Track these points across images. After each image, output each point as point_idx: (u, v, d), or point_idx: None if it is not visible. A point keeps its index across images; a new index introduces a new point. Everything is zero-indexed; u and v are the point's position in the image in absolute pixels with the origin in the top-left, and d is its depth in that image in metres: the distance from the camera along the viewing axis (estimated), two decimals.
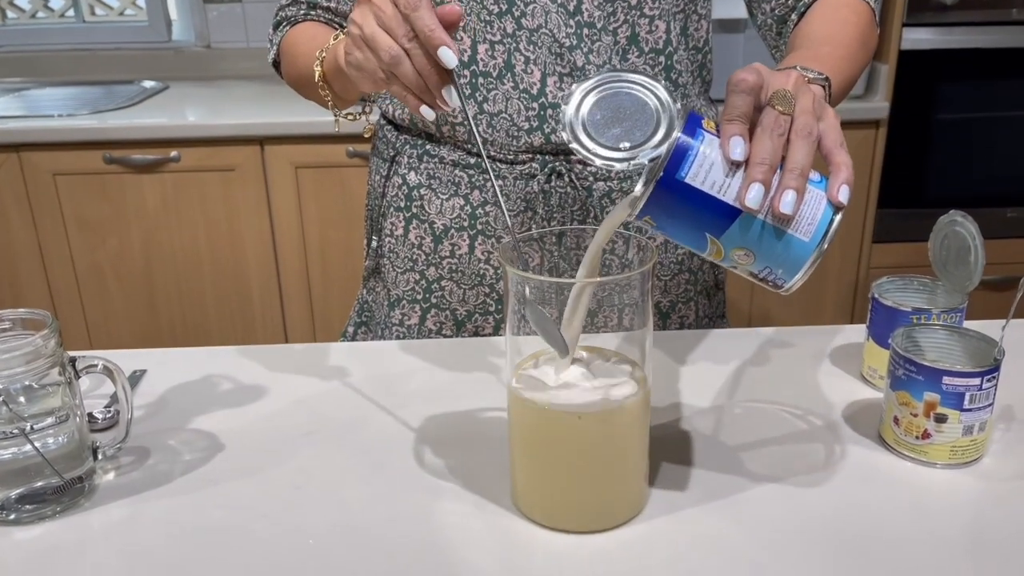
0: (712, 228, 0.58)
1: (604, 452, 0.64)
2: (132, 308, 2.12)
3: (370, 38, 0.66)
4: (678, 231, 0.60)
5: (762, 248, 0.58)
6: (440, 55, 0.64)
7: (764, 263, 0.59)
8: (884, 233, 2.16)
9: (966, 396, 0.69)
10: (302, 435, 0.78)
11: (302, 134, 1.95)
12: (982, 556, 0.62)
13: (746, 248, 0.59)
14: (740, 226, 0.58)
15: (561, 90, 0.89)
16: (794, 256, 0.59)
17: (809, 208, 0.58)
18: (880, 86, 2.05)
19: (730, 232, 0.58)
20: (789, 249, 0.58)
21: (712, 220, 0.58)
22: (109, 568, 0.62)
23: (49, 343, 0.65)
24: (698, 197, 0.57)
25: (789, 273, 0.60)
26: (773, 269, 0.60)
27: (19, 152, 1.96)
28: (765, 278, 0.61)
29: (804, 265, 0.59)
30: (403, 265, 1.00)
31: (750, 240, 0.58)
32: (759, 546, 0.63)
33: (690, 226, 0.59)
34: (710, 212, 0.58)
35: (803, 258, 0.59)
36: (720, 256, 0.60)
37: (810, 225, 0.58)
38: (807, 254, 0.58)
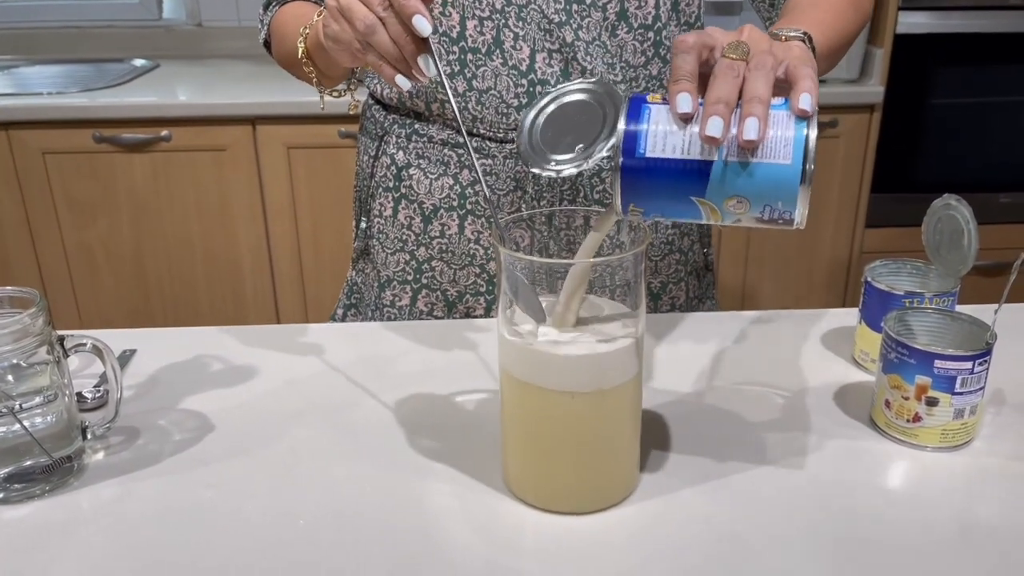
0: (694, 190, 0.58)
1: (596, 433, 0.63)
2: (122, 288, 2.11)
3: (345, 8, 0.67)
4: (666, 207, 0.59)
5: (749, 189, 0.57)
6: (414, 23, 0.64)
7: (760, 203, 0.58)
8: (877, 217, 2.16)
9: (958, 380, 0.69)
10: (293, 416, 0.78)
11: (294, 114, 1.94)
12: (971, 539, 0.62)
13: (736, 196, 0.57)
14: (718, 176, 0.57)
15: (550, 67, 0.89)
16: (783, 183, 0.57)
17: (778, 131, 0.57)
18: (875, 70, 2.04)
19: (711, 186, 0.57)
20: (774, 178, 0.57)
21: (690, 182, 0.57)
22: (98, 547, 0.62)
23: (37, 321, 0.65)
24: (665, 166, 0.57)
25: (789, 203, 0.58)
26: (772, 205, 0.58)
27: (8, 130, 1.94)
28: (772, 219, 0.59)
29: (797, 189, 0.57)
30: (393, 246, 0.99)
31: (734, 186, 0.57)
32: (750, 528, 0.63)
33: (673, 197, 0.58)
34: (684, 175, 0.57)
35: (792, 182, 0.57)
36: (717, 216, 0.59)
37: (785, 147, 0.56)
38: (795, 176, 0.57)
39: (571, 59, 0.89)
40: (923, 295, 0.79)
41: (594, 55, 0.89)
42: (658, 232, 0.99)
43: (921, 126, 2.11)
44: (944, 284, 0.82)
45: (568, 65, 0.89)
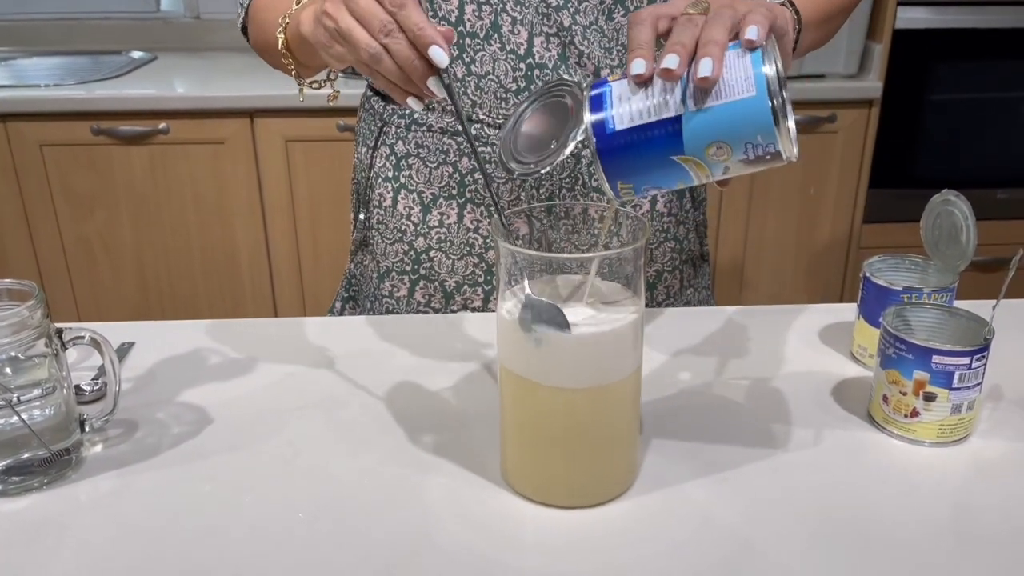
0: (671, 148, 0.58)
1: (595, 427, 0.63)
2: (121, 281, 2.10)
3: (346, 33, 0.64)
4: (652, 176, 0.60)
5: (723, 131, 0.57)
6: (431, 55, 0.62)
7: (740, 143, 0.57)
8: (875, 213, 2.16)
9: (955, 375, 0.69)
10: (291, 409, 0.78)
11: (293, 107, 1.93)
12: (968, 534, 0.62)
13: (714, 142, 0.57)
14: (690, 128, 0.57)
15: (548, 51, 0.89)
16: (754, 116, 0.56)
17: (737, 70, 0.57)
18: (874, 65, 2.04)
19: (687, 140, 0.57)
20: (744, 113, 0.56)
21: (665, 142, 0.58)
22: (96, 540, 0.62)
23: (35, 314, 0.65)
24: (638, 134, 0.58)
25: (767, 135, 0.57)
26: (752, 142, 0.57)
27: (5, 122, 1.93)
28: (759, 156, 0.58)
29: (770, 118, 0.56)
30: (392, 236, 0.99)
31: (708, 133, 0.57)
32: (747, 523, 0.63)
33: (655, 163, 0.59)
34: (658, 138, 0.58)
35: (762, 111, 0.56)
36: (705, 170, 0.59)
37: (746, 81, 0.56)
38: (763, 105, 0.56)
39: (568, 43, 0.89)
40: (921, 291, 0.79)
41: (591, 39, 0.89)
42: (654, 220, 0.99)
43: (919, 122, 2.11)
44: (942, 280, 0.82)
45: (566, 49, 0.89)
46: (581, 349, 0.61)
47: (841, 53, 2.03)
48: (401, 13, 0.62)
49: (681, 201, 1.01)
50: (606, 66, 0.90)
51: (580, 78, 0.90)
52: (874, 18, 2.05)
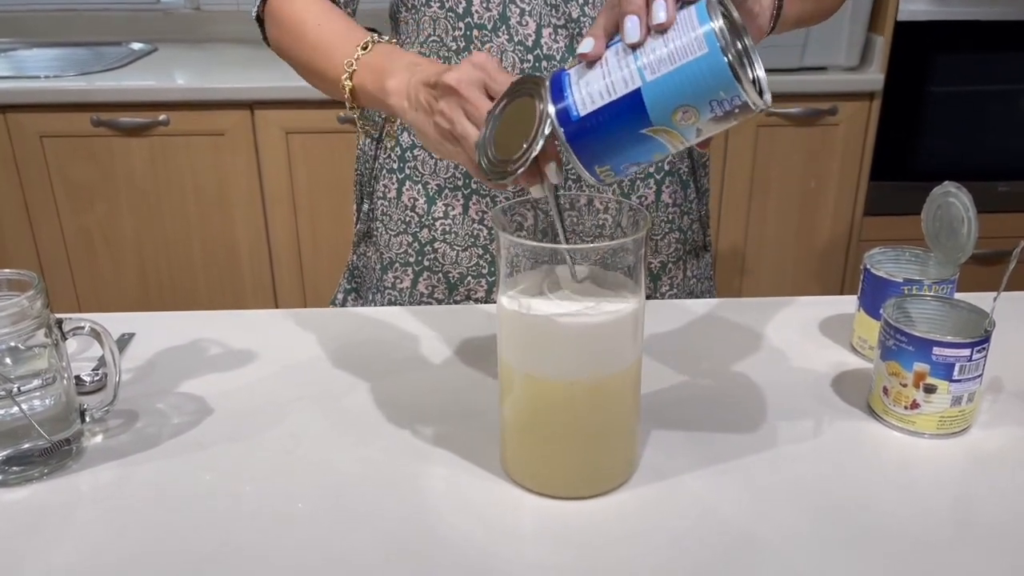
0: (639, 122, 0.57)
1: (595, 418, 0.63)
2: (121, 273, 2.10)
3: (462, 136, 0.64)
4: (627, 153, 0.59)
5: (685, 94, 0.56)
6: (547, 171, 0.62)
7: (705, 103, 0.56)
8: (875, 206, 2.16)
9: (956, 367, 0.69)
10: (292, 400, 0.78)
11: (293, 99, 1.93)
12: (967, 526, 0.63)
13: (678, 107, 0.56)
14: (651, 98, 0.56)
15: (556, 42, 0.88)
16: (712, 72, 0.55)
17: (682, 30, 0.56)
18: (875, 57, 2.04)
19: (652, 111, 0.57)
20: (701, 71, 0.55)
21: (631, 117, 0.57)
22: (96, 530, 0.62)
23: (35, 304, 0.65)
24: (602, 115, 0.57)
25: (730, 89, 0.55)
26: (716, 99, 0.56)
27: (5, 113, 1.93)
28: (729, 111, 0.57)
29: (728, 72, 0.55)
30: (396, 228, 0.99)
31: (671, 100, 0.56)
32: (747, 513, 0.63)
33: (627, 140, 0.58)
34: (622, 115, 0.57)
35: (719, 66, 0.55)
36: (677, 137, 0.58)
37: (696, 40, 0.55)
38: (719, 62, 0.55)
39: (576, 35, 0.88)
40: (922, 282, 0.79)
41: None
42: (659, 211, 0.98)
43: (921, 114, 2.11)
44: (943, 272, 0.82)
45: (573, 40, 0.89)
46: (580, 339, 0.61)
47: (842, 45, 2.02)
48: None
49: (686, 192, 1.00)
50: None
51: (543, 73, 0.90)
52: (876, 10, 2.04)
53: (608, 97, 0.57)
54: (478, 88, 0.64)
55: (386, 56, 0.76)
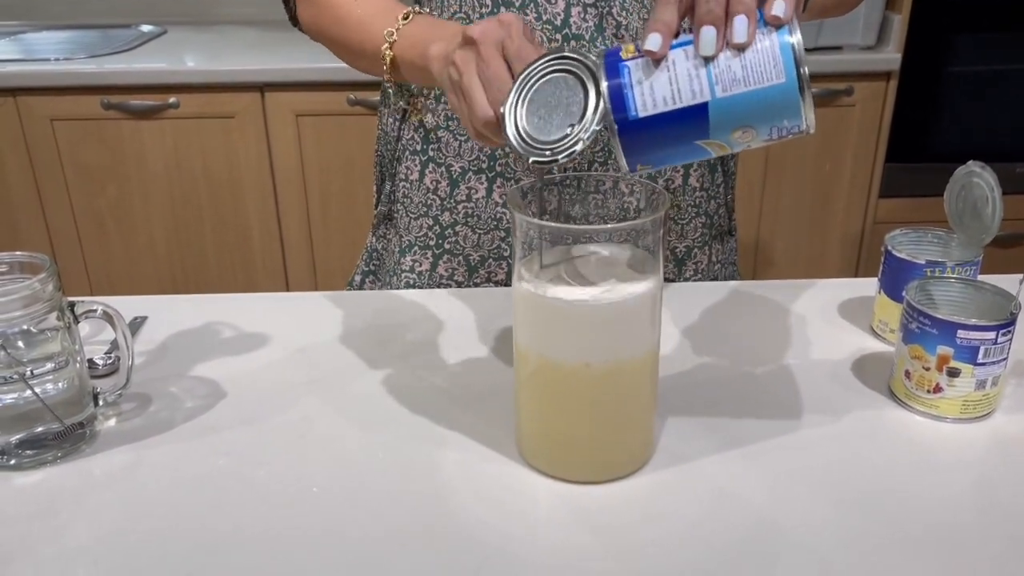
0: (696, 134, 0.56)
1: (612, 402, 0.63)
2: (133, 256, 2.10)
3: (467, 91, 0.63)
4: (672, 156, 0.58)
5: (751, 118, 0.56)
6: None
7: (766, 127, 0.57)
8: (891, 188, 2.14)
9: (980, 350, 0.68)
10: (305, 383, 0.77)
11: (303, 81, 1.92)
12: (991, 510, 0.61)
13: (740, 127, 0.56)
14: (717, 116, 0.55)
15: (585, 21, 0.87)
16: (784, 102, 0.55)
17: (760, 52, 0.55)
18: (892, 37, 2.01)
19: (713, 126, 0.56)
20: (774, 99, 0.55)
21: (690, 128, 0.56)
22: (110, 514, 0.62)
23: (47, 287, 0.64)
24: (661, 120, 0.56)
25: (794, 118, 0.56)
26: (778, 125, 0.57)
27: (16, 97, 1.93)
28: (781, 136, 0.57)
29: (799, 103, 0.55)
30: (417, 210, 0.98)
31: (736, 119, 0.56)
32: (766, 498, 0.63)
33: (677, 146, 0.57)
34: (683, 124, 0.56)
35: (792, 98, 0.55)
36: (725, 149, 0.58)
37: (775, 66, 0.55)
38: (792, 92, 0.55)
39: (606, 14, 0.87)
40: (944, 264, 0.78)
41: (630, 10, 0.87)
42: (686, 195, 0.97)
43: (938, 94, 2.08)
44: (966, 253, 0.81)
45: (603, 20, 0.87)
46: (597, 321, 0.60)
47: (859, 24, 1.99)
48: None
49: (713, 176, 0.99)
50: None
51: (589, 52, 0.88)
52: None
53: (672, 104, 0.56)
54: (496, 47, 0.62)
55: (430, 26, 0.75)
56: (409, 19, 0.77)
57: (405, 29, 0.76)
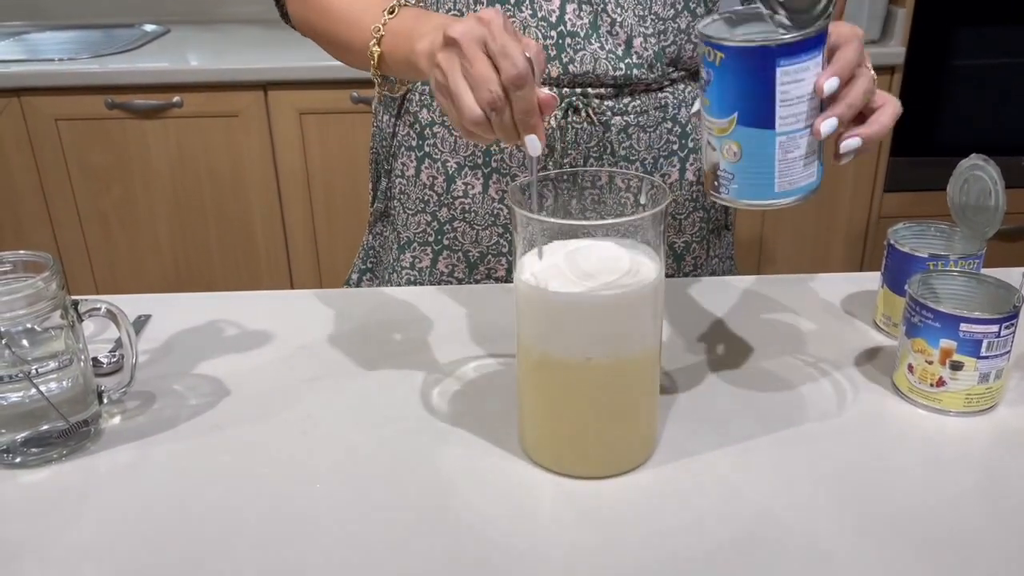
0: (748, 117, 0.59)
1: (614, 398, 0.63)
2: (137, 255, 2.11)
3: (454, 93, 0.62)
4: (721, 93, 0.60)
5: (752, 163, 0.60)
6: (527, 142, 0.62)
7: (737, 171, 0.61)
8: (895, 181, 2.13)
9: (983, 343, 0.67)
10: (309, 380, 0.77)
11: (306, 79, 1.92)
12: (995, 504, 0.61)
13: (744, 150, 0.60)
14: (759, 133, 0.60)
15: (580, 18, 0.87)
16: (760, 189, 0.61)
17: (807, 167, 0.63)
18: (896, 31, 2.00)
19: (750, 131, 0.59)
20: (763, 181, 0.61)
21: (755, 112, 0.59)
22: (115, 511, 0.62)
23: (51, 285, 0.64)
24: (767, 87, 0.58)
25: (739, 193, 0.61)
26: (733, 179, 0.61)
27: (20, 97, 1.93)
28: (719, 177, 0.62)
29: (756, 200, 0.62)
30: (414, 207, 0.98)
31: (754, 147, 0.60)
32: (769, 493, 0.63)
33: (735, 98, 0.59)
34: (761, 106, 0.59)
35: (764, 195, 0.61)
36: (721, 132, 0.61)
37: (798, 180, 0.63)
38: (768, 194, 0.61)
39: (601, 11, 0.87)
40: (948, 258, 0.78)
41: (625, 6, 0.87)
42: (683, 189, 0.97)
43: (943, 88, 2.07)
44: (969, 246, 0.81)
45: (598, 17, 0.87)
46: (599, 317, 0.60)
47: (863, 18, 1.99)
48: (517, 94, 0.60)
49: None
50: (639, 35, 0.88)
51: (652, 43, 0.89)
52: None
53: (779, 98, 0.59)
54: (478, 45, 0.62)
55: (414, 19, 0.74)
56: (394, 13, 0.76)
57: (391, 24, 0.75)
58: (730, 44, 0.58)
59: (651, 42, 0.89)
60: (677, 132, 0.95)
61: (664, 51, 0.90)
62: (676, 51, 0.91)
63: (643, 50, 0.89)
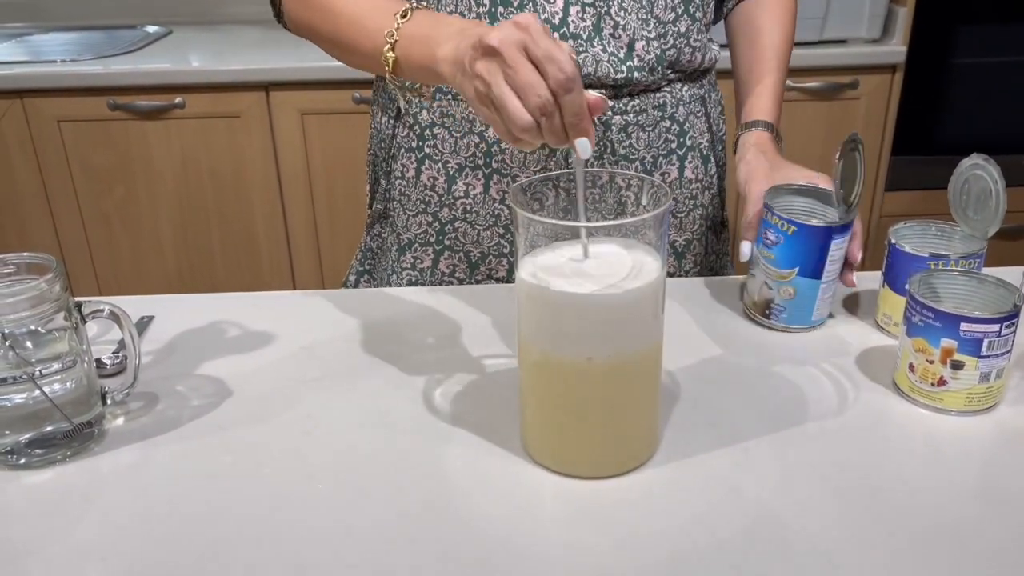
0: (805, 270, 0.81)
1: (615, 398, 0.63)
2: (140, 256, 2.11)
3: (499, 102, 0.61)
4: (787, 252, 0.81)
5: (802, 301, 0.82)
6: (577, 145, 0.61)
7: (788, 306, 0.83)
8: (896, 181, 2.13)
9: (984, 342, 0.68)
10: (311, 381, 0.78)
11: (308, 80, 1.92)
12: (996, 504, 0.62)
13: (798, 292, 0.82)
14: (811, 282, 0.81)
15: (583, 20, 0.87)
16: (803, 319, 0.84)
17: (829, 304, 0.85)
18: (897, 29, 2.00)
19: (805, 280, 0.81)
20: (805, 314, 0.83)
21: (811, 268, 0.81)
22: (119, 512, 0.62)
23: (54, 287, 0.65)
24: (823, 252, 0.80)
25: (787, 321, 0.84)
26: (784, 311, 0.83)
27: (23, 98, 1.94)
28: (772, 309, 0.84)
29: (798, 326, 0.84)
30: (415, 208, 0.98)
31: (805, 290, 0.81)
32: (771, 492, 0.63)
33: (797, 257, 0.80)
34: (816, 264, 0.80)
35: (804, 322, 0.84)
36: (781, 278, 0.82)
37: (823, 313, 0.85)
38: (807, 322, 0.84)
39: (604, 13, 0.87)
40: (948, 257, 0.78)
41: (628, 9, 0.87)
42: (682, 187, 0.97)
43: (944, 87, 2.07)
44: (970, 246, 0.81)
45: (601, 20, 0.87)
46: (600, 317, 0.60)
47: (864, 17, 1.99)
48: (567, 98, 0.59)
49: (707, 167, 0.99)
50: (641, 38, 0.88)
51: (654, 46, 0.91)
52: None
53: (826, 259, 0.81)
54: (519, 51, 0.60)
55: (431, 24, 0.72)
56: (408, 17, 0.74)
57: (405, 28, 0.74)
58: (803, 222, 0.79)
59: (653, 45, 0.89)
60: (675, 131, 0.95)
61: (664, 54, 0.91)
62: (676, 54, 0.91)
63: (644, 53, 0.89)
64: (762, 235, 0.83)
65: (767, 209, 0.82)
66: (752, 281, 0.85)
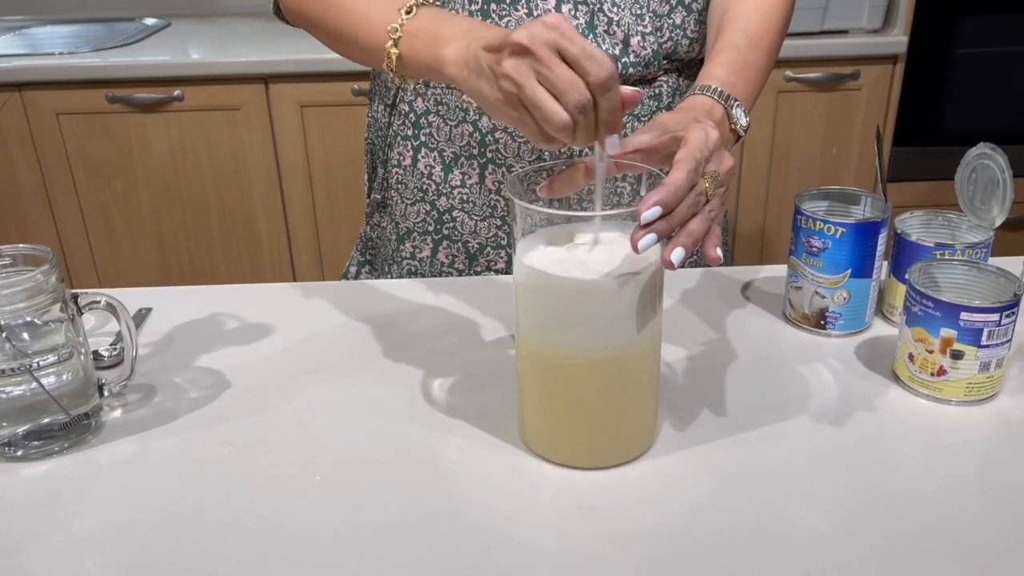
0: (858, 271, 0.79)
1: (613, 389, 0.63)
2: (140, 249, 2.11)
3: (533, 102, 0.59)
4: (837, 256, 0.79)
5: (857, 303, 0.81)
6: (607, 142, 0.60)
7: (844, 311, 0.81)
8: (900, 172, 2.12)
9: (984, 332, 0.67)
10: (309, 373, 0.77)
11: (307, 72, 1.91)
12: (996, 493, 0.61)
13: (853, 295, 0.80)
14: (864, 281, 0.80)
15: (576, 18, 0.86)
16: (858, 321, 0.82)
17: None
18: (898, 19, 1.99)
19: (859, 281, 0.79)
20: (861, 315, 0.82)
21: (863, 267, 0.79)
22: (116, 503, 0.62)
23: (50, 279, 0.65)
24: (874, 248, 0.79)
25: (844, 327, 0.82)
26: (840, 318, 0.81)
27: (21, 91, 1.93)
28: (828, 318, 0.81)
29: (854, 330, 0.82)
30: (412, 196, 0.98)
31: (859, 291, 0.80)
32: (770, 482, 0.62)
33: (850, 258, 0.78)
34: (867, 261, 0.79)
35: (860, 325, 0.82)
36: (833, 284, 0.80)
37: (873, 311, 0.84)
38: (862, 325, 0.82)
39: (597, 10, 0.86)
40: (954, 247, 0.77)
41: (621, 5, 0.86)
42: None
43: (945, 77, 2.06)
44: (976, 236, 0.80)
45: (594, 17, 0.86)
46: (598, 308, 0.60)
47: (865, 7, 1.98)
48: (606, 96, 0.58)
49: None
50: (636, 33, 0.88)
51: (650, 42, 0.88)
52: None
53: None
54: (552, 50, 0.58)
55: (437, 22, 0.71)
56: (412, 13, 0.73)
57: (410, 25, 0.72)
58: (850, 221, 0.77)
59: (648, 40, 0.89)
60: None
61: (661, 47, 0.90)
62: (672, 47, 0.91)
63: (640, 49, 0.88)
64: (804, 245, 0.80)
65: (807, 218, 0.79)
66: (798, 293, 0.82)
